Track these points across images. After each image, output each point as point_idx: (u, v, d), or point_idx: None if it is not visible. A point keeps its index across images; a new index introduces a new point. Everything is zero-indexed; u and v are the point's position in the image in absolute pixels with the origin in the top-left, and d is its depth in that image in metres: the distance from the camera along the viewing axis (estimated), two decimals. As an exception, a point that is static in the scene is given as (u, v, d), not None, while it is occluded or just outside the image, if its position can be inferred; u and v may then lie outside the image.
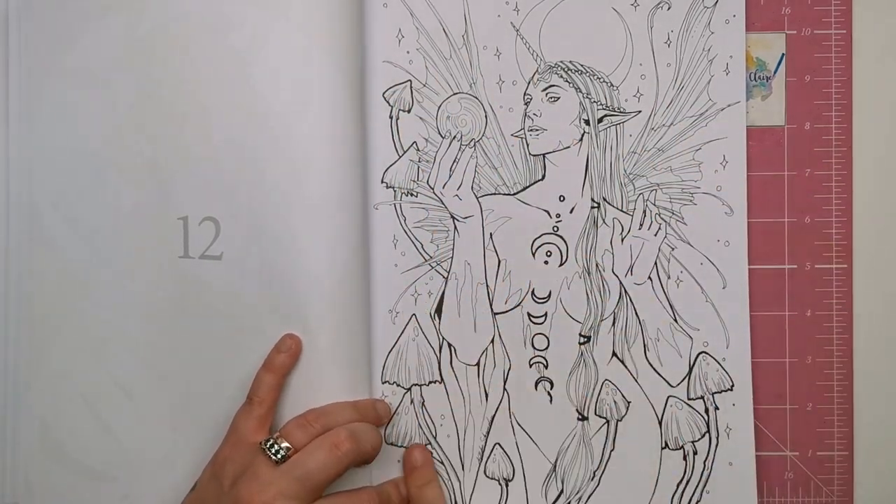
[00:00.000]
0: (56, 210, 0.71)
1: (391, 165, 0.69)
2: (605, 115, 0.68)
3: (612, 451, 0.69)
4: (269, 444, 0.64)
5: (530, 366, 0.69)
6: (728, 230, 0.68)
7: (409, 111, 0.68)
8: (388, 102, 0.68)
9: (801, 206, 0.69)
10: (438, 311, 0.69)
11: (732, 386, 0.68)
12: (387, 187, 0.69)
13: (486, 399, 0.69)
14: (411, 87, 0.68)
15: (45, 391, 0.71)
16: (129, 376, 0.71)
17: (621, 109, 0.68)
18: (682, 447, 0.68)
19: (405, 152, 0.69)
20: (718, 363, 0.68)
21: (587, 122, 0.68)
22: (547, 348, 0.69)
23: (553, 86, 0.68)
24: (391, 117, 0.68)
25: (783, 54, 0.69)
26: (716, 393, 0.68)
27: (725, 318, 0.68)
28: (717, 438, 0.68)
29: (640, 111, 0.68)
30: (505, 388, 0.69)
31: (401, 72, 0.68)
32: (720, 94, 0.68)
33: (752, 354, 0.69)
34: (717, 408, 0.68)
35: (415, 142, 0.69)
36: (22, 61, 0.71)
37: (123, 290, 0.71)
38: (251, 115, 0.69)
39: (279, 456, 0.64)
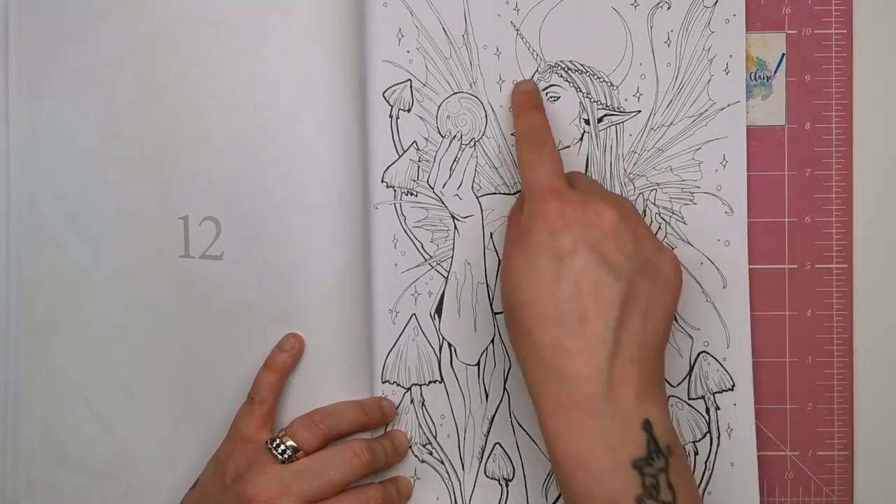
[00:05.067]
0: (56, 210, 0.71)
1: (391, 165, 0.69)
2: (605, 115, 0.68)
3: None
4: (274, 443, 0.64)
5: None
6: (728, 230, 0.68)
7: (409, 111, 0.68)
8: (388, 102, 0.68)
9: (801, 206, 0.69)
10: (438, 310, 0.69)
11: (733, 386, 0.68)
12: (387, 187, 0.69)
13: (487, 399, 0.69)
14: (411, 86, 0.68)
15: (46, 391, 0.71)
16: (129, 376, 0.71)
17: (621, 109, 0.68)
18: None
19: (405, 152, 0.69)
20: (719, 363, 0.68)
21: (587, 122, 0.68)
22: None
23: (553, 85, 0.68)
24: (391, 117, 0.68)
25: (783, 54, 0.69)
26: (716, 393, 0.68)
27: (726, 318, 0.68)
28: (719, 439, 0.68)
29: (639, 111, 0.68)
30: (505, 388, 0.69)
31: (401, 71, 0.68)
32: (720, 94, 0.68)
33: (752, 354, 0.68)
34: (717, 408, 0.68)
35: (415, 141, 0.68)
36: (22, 61, 0.71)
37: (123, 290, 0.71)
38: (251, 114, 0.69)
39: (285, 455, 0.64)
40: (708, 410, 0.68)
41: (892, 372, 0.69)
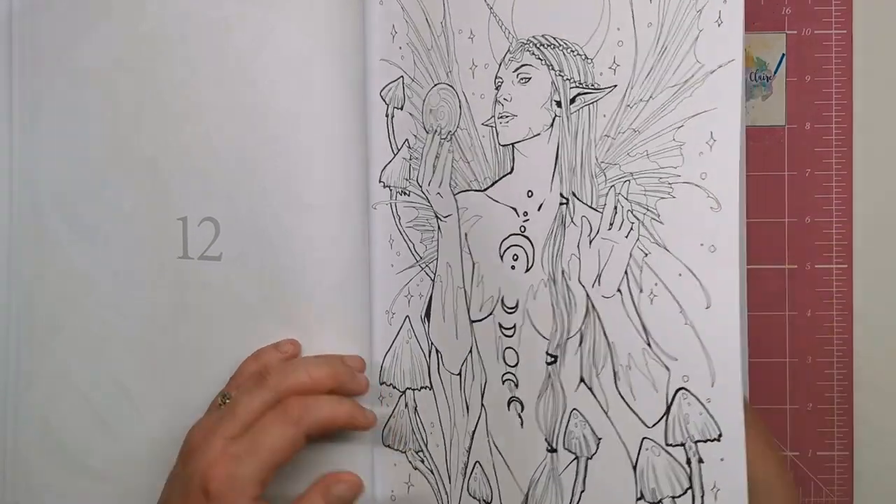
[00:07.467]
0: (57, 210, 0.72)
1: (387, 164, 0.68)
2: (579, 94, 0.59)
3: (582, 492, 0.58)
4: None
5: (503, 382, 0.61)
6: (714, 231, 0.52)
7: (401, 108, 0.67)
8: (384, 101, 0.68)
9: (801, 206, 0.68)
10: (427, 314, 0.67)
11: (720, 436, 0.53)
12: (384, 186, 0.68)
13: (468, 412, 0.64)
14: (403, 83, 0.67)
15: (46, 391, 0.72)
16: (129, 376, 0.71)
17: (595, 85, 0.58)
18: (660, 501, 0.55)
19: (399, 150, 0.68)
20: (702, 404, 0.54)
21: (559, 105, 0.60)
22: (517, 365, 0.61)
23: (524, 65, 0.61)
24: (387, 115, 0.68)
25: (783, 54, 0.68)
26: (699, 441, 0.54)
27: (709, 347, 0.53)
28: (703, 499, 0.54)
29: (615, 85, 0.57)
30: (482, 404, 0.63)
31: (395, 68, 0.67)
32: (710, 54, 0.53)
33: (751, 354, 0.66)
34: (701, 460, 0.54)
35: (406, 139, 0.67)
36: (25, 61, 0.72)
37: (123, 290, 0.71)
38: (251, 115, 0.69)
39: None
40: (689, 461, 0.54)
41: (892, 372, 0.68)
